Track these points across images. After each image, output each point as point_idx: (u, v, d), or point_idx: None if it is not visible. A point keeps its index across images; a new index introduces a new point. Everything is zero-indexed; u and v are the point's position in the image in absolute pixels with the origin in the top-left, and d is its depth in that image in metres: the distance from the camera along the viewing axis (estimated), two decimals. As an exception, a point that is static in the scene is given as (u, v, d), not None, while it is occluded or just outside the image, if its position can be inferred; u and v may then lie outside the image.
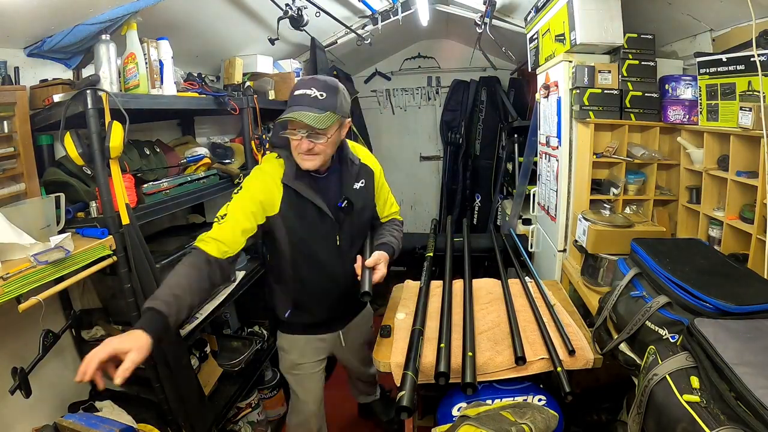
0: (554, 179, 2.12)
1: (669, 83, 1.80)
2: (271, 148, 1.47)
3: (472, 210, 4.14)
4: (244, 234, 1.30)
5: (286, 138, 1.32)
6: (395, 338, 1.56)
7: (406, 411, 1.17)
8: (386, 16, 2.82)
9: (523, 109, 3.64)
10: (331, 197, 1.41)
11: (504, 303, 1.74)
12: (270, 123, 2.61)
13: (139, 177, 1.50)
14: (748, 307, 1.04)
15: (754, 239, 1.36)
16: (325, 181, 1.42)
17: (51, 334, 1.34)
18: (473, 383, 1.29)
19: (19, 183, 1.29)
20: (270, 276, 1.68)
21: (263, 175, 1.37)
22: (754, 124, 1.31)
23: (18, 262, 1.07)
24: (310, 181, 1.38)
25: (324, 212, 1.39)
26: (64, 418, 1.33)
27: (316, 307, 1.56)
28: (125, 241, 1.31)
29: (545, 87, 2.19)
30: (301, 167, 1.33)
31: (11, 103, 1.26)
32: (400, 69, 4.20)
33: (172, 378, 1.44)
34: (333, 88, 1.28)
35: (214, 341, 1.96)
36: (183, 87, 1.77)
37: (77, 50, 1.45)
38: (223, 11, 1.93)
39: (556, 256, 2.12)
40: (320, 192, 1.39)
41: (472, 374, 1.30)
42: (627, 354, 1.27)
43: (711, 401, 0.88)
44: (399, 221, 1.65)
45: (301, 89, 1.26)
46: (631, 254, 1.46)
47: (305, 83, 1.28)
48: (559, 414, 1.37)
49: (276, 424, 2.28)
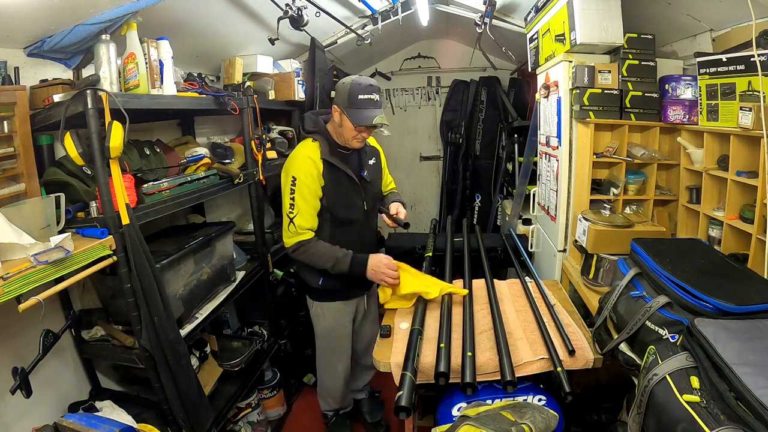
0: (554, 179, 2.12)
1: (669, 83, 1.80)
2: (306, 134, 1.76)
3: (472, 210, 4.14)
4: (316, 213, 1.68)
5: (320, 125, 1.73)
6: (395, 338, 1.56)
7: (405, 411, 1.17)
8: (386, 16, 2.81)
9: (523, 109, 3.64)
10: (355, 169, 1.76)
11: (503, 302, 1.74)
12: (271, 123, 2.62)
13: (139, 177, 1.50)
14: (748, 307, 1.04)
15: (754, 239, 1.36)
16: (350, 157, 1.76)
17: (51, 334, 1.34)
18: (473, 383, 1.29)
19: (19, 183, 1.29)
20: None
21: (305, 157, 1.66)
22: (754, 124, 1.31)
23: (18, 262, 1.07)
24: (342, 156, 1.73)
25: (353, 180, 1.74)
26: (64, 418, 1.33)
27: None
28: (125, 241, 1.31)
29: (545, 87, 2.19)
30: (351, 146, 1.71)
31: (11, 103, 1.26)
32: (400, 69, 4.20)
33: (172, 378, 1.44)
34: (379, 89, 1.66)
35: (214, 341, 1.96)
36: (183, 87, 1.76)
37: (77, 50, 1.45)
38: (223, 11, 1.93)
39: (556, 256, 2.12)
40: (349, 165, 1.74)
41: (471, 374, 1.30)
42: (627, 354, 1.27)
43: (711, 401, 0.88)
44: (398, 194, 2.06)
45: (366, 95, 1.60)
46: (631, 254, 1.46)
47: (367, 89, 1.61)
48: (559, 414, 1.36)
49: (276, 424, 2.28)
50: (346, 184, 1.73)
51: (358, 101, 1.59)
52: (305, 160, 1.65)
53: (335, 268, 1.68)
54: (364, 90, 1.60)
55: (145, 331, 1.38)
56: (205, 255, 1.80)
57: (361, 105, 1.59)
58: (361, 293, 1.94)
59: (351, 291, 1.88)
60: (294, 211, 1.63)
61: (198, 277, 1.75)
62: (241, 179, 1.91)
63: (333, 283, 1.78)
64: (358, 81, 1.61)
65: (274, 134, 2.51)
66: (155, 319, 1.38)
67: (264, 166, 2.14)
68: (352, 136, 1.66)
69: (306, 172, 1.63)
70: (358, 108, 1.59)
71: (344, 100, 1.61)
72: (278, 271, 2.29)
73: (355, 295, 1.91)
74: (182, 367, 1.46)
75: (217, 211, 2.53)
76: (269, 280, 2.22)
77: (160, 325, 1.39)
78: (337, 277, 1.74)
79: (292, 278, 2.33)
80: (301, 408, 2.46)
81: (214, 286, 1.85)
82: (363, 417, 2.17)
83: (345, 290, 1.85)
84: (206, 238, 1.78)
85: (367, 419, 2.16)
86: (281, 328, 2.36)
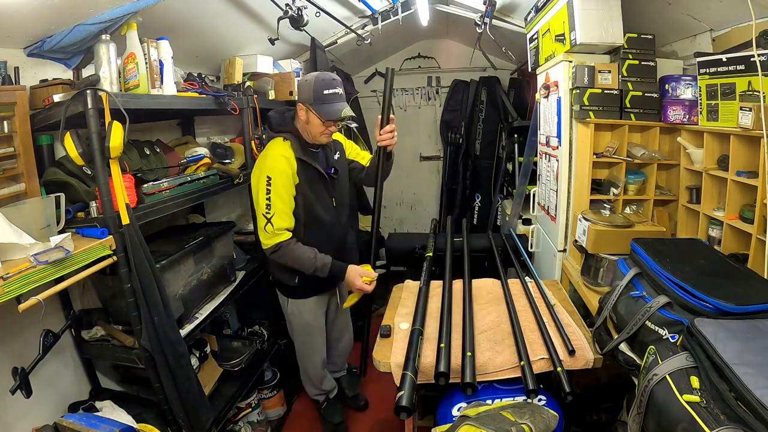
0: (554, 179, 2.12)
1: (669, 83, 1.80)
2: (275, 133, 1.75)
3: (472, 210, 4.14)
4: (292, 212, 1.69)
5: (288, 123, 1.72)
6: (395, 338, 1.56)
7: (405, 411, 1.17)
8: (386, 16, 2.82)
9: (523, 109, 3.64)
10: (324, 166, 1.78)
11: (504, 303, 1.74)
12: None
13: (139, 177, 1.50)
14: (748, 307, 1.04)
15: (754, 239, 1.36)
16: (317, 155, 1.78)
17: (51, 334, 1.34)
18: (473, 383, 1.29)
19: (19, 183, 1.29)
20: None
21: (279, 156, 1.65)
22: (754, 124, 1.31)
23: (18, 262, 1.07)
24: (313, 154, 1.75)
25: (324, 176, 1.76)
26: (64, 418, 1.33)
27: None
28: (125, 241, 1.31)
29: (545, 87, 2.19)
30: (320, 142, 1.72)
31: (11, 103, 1.26)
32: (400, 69, 4.19)
33: (172, 378, 1.44)
34: (342, 83, 1.66)
35: (214, 341, 1.96)
36: (183, 87, 1.76)
37: (77, 50, 1.45)
38: (223, 11, 1.93)
39: (556, 256, 2.12)
40: (318, 161, 1.76)
41: (471, 374, 1.30)
42: (627, 354, 1.27)
43: (711, 401, 0.88)
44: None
45: (331, 89, 1.61)
46: (631, 254, 1.46)
47: (333, 83, 1.62)
48: (559, 414, 1.36)
49: (276, 424, 2.28)
50: (317, 182, 1.75)
51: (324, 96, 1.60)
52: (279, 158, 1.64)
53: (314, 273, 1.73)
54: (328, 84, 1.61)
55: (145, 331, 1.38)
56: (205, 255, 1.80)
57: (327, 99, 1.61)
58: (333, 287, 2.00)
59: (326, 286, 1.93)
60: (271, 211, 1.62)
61: (198, 277, 1.75)
62: (241, 179, 1.91)
63: (308, 280, 1.81)
64: (321, 77, 1.63)
65: (274, 134, 2.51)
66: (155, 319, 1.38)
67: (264, 166, 2.14)
68: (320, 132, 1.67)
69: (280, 171, 1.63)
70: (324, 103, 1.61)
71: (309, 97, 1.62)
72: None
73: (329, 289, 1.97)
74: (182, 367, 1.46)
75: (217, 211, 2.53)
76: (269, 280, 2.22)
77: (160, 325, 1.39)
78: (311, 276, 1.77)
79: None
80: (301, 408, 2.45)
81: (214, 286, 1.86)
82: (343, 391, 2.33)
83: (320, 287, 1.90)
84: (206, 238, 1.78)
85: (347, 393, 2.34)
86: (281, 328, 2.36)
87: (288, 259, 1.70)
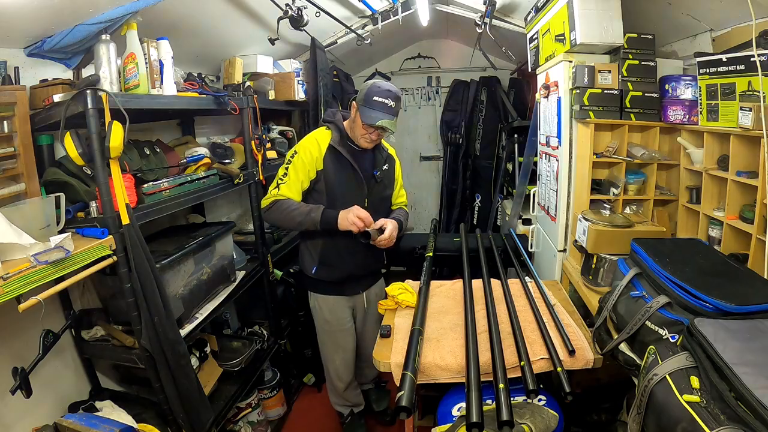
0: (554, 179, 2.12)
1: (669, 83, 1.80)
2: (323, 123, 1.85)
3: (472, 210, 4.14)
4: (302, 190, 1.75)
5: (337, 117, 1.80)
6: (395, 338, 1.56)
7: (405, 411, 1.17)
8: (386, 16, 2.82)
9: (523, 109, 3.64)
10: (365, 167, 1.81)
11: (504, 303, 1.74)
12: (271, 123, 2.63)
13: (139, 177, 1.50)
14: (748, 307, 1.04)
15: (754, 239, 1.36)
16: (361, 155, 1.81)
17: (51, 334, 1.34)
18: (510, 420, 1.22)
19: (19, 183, 1.29)
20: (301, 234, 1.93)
21: (312, 138, 1.76)
22: (754, 124, 1.31)
23: (18, 262, 1.07)
24: (351, 149, 1.78)
25: (359, 176, 1.78)
26: (64, 418, 1.33)
27: (339, 262, 1.85)
28: (125, 241, 1.31)
29: (545, 87, 2.19)
30: (360, 146, 1.77)
31: (11, 103, 1.26)
32: (400, 69, 4.20)
33: (172, 378, 1.44)
34: (399, 98, 1.70)
35: (214, 341, 1.96)
36: (183, 87, 1.76)
37: (77, 50, 1.45)
38: (223, 11, 1.93)
39: (556, 256, 2.12)
40: (357, 160, 1.78)
41: (508, 412, 1.20)
42: (627, 354, 1.27)
43: (711, 401, 0.88)
44: (406, 211, 2.03)
45: (381, 98, 1.65)
46: (631, 254, 1.46)
47: (384, 93, 1.66)
48: (559, 414, 1.37)
49: (276, 424, 2.28)
50: (348, 176, 1.77)
51: (372, 101, 1.65)
52: (311, 140, 1.76)
53: (306, 221, 1.69)
54: (380, 93, 1.66)
55: (145, 331, 1.38)
56: (205, 255, 1.80)
57: (373, 105, 1.65)
58: (357, 291, 1.98)
59: (345, 286, 1.93)
60: (285, 179, 1.72)
61: (198, 277, 1.75)
62: (241, 179, 1.91)
63: (325, 272, 1.86)
64: (379, 84, 1.69)
65: (274, 134, 2.51)
66: (155, 319, 1.37)
67: (264, 166, 2.14)
68: (360, 134, 1.73)
69: (306, 149, 1.73)
70: (369, 107, 1.66)
71: (361, 98, 1.69)
72: (278, 271, 2.30)
73: (350, 292, 1.96)
74: (182, 367, 1.46)
75: (217, 211, 2.53)
76: (269, 280, 2.22)
77: (160, 325, 1.38)
78: (328, 267, 1.84)
79: (291, 278, 2.34)
80: (301, 408, 2.46)
81: (214, 286, 1.85)
82: (370, 406, 2.28)
83: (339, 284, 1.90)
84: (206, 238, 1.78)
85: (374, 408, 2.29)
86: (281, 328, 2.36)
87: (280, 213, 1.71)
